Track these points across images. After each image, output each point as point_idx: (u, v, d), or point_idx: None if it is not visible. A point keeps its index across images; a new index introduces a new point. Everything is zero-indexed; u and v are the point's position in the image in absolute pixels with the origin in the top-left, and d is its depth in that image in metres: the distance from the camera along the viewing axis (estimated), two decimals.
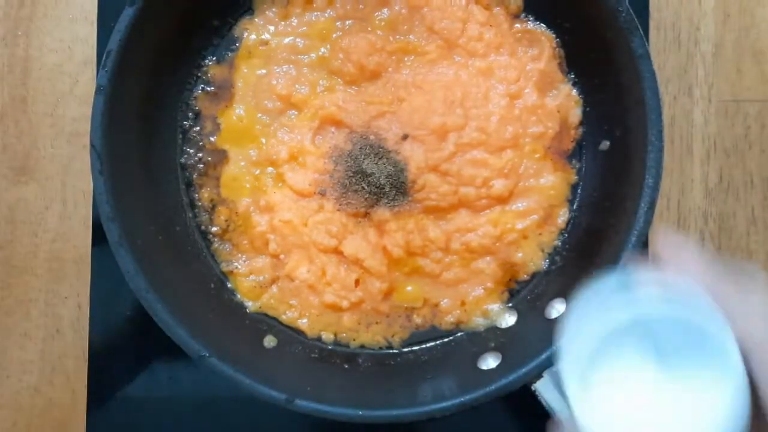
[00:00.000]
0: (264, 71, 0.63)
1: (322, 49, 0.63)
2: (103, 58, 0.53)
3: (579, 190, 0.62)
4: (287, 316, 0.62)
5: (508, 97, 0.61)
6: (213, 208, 0.63)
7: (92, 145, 0.53)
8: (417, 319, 0.62)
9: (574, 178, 0.62)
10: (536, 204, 0.62)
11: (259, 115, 0.63)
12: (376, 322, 0.62)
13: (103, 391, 0.65)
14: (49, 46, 0.67)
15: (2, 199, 0.66)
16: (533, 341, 0.54)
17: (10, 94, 0.67)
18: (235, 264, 0.63)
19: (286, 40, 0.63)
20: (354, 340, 0.62)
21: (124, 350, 0.65)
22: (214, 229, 0.63)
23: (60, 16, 0.67)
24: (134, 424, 0.65)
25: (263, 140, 0.63)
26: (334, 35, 0.63)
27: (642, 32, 0.52)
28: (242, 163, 0.63)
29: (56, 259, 0.66)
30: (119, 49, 0.53)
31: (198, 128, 0.63)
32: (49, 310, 0.66)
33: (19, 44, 0.67)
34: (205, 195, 0.63)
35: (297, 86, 0.63)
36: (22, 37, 0.67)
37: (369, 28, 0.62)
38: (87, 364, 0.65)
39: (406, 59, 0.62)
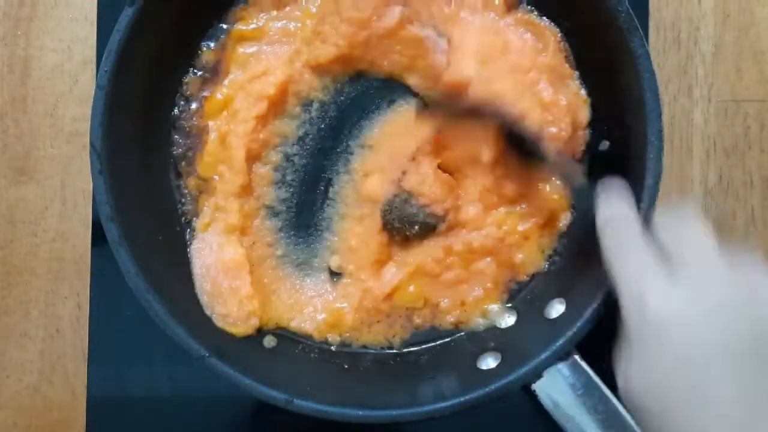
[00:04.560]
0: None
1: None
2: (103, 58, 0.53)
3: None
4: None
5: None
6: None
7: (92, 145, 0.53)
8: (417, 319, 0.62)
9: None
10: (539, 206, 0.62)
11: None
12: (377, 321, 0.62)
13: (103, 391, 0.65)
14: (49, 46, 0.67)
15: (2, 199, 0.66)
16: (533, 341, 0.54)
17: (9, 94, 0.67)
18: None
19: (279, 24, 0.61)
20: (357, 340, 0.62)
21: (124, 350, 0.65)
22: None
23: (60, 16, 0.67)
24: (134, 424, 0.65)
25: None
26: None
27: (642, 32, 0.52)
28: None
29: (56, 259, 0.66)
30: (119, 49, 0.53)
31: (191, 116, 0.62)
32: (48, 309, 0.66)
33: (18, 44, 0.67)
34: (191, 183, 0.62)
35: None
36: (21, 37, 0.67)
37: None
38: (87, 364, 0.65)
39: None
